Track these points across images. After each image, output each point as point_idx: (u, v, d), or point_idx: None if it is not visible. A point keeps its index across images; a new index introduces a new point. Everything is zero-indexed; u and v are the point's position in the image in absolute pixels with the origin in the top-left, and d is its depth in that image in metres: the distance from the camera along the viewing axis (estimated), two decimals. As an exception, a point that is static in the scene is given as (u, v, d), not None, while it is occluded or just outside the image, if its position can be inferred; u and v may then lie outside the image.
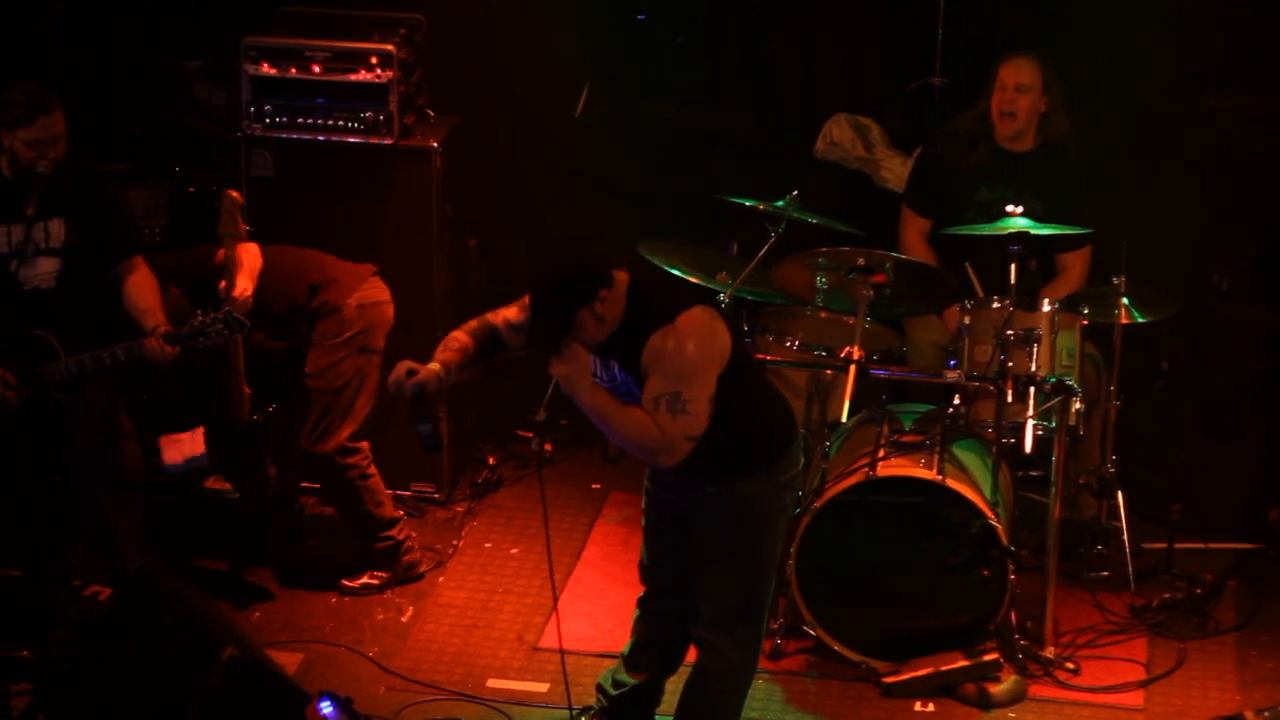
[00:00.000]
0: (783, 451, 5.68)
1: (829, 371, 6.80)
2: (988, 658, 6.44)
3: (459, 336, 5.75)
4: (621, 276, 5.47)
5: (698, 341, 5.39)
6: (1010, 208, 6.66)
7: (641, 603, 6.01)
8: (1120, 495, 7.02)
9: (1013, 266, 6.62)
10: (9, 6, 7.78)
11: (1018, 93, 6.96)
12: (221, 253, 6.58)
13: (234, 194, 6.65)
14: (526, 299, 5.63)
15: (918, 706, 6.42)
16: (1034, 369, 6.50)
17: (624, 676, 6.05)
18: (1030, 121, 7.02)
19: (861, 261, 6.65)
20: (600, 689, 6.14)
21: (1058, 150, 7.08)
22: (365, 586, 7.06)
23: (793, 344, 6.91)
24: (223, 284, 6.54)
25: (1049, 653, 6.59)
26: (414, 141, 7.36)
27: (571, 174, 8.04)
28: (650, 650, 6.01)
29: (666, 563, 5.86)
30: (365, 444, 7.01)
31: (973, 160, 7.08)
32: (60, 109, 6.16)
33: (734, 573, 5.70)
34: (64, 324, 6.26)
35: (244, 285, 6.54)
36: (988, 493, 6.55)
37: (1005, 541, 6.40)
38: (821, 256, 6.70)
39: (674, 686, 6.03)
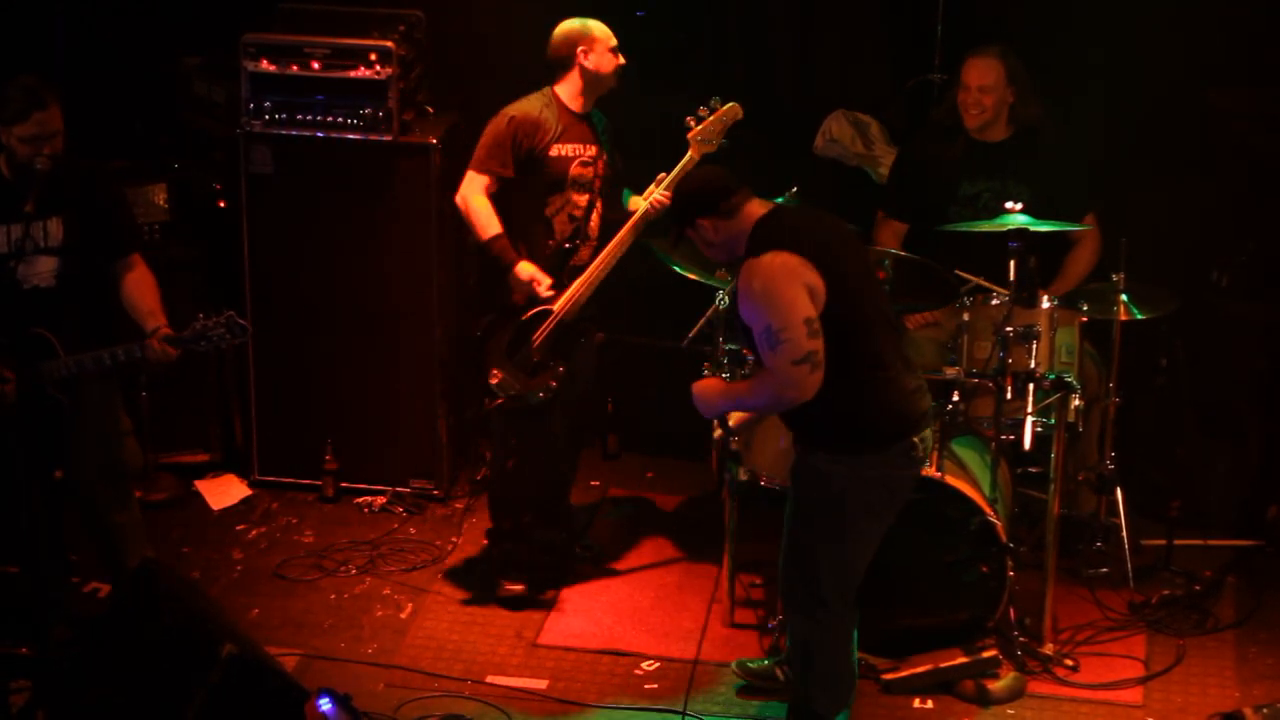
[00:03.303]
0: (878, 446, 5.68)
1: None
2: (986, 654, 6.44)
3: None
4: (754, 210, 5.65)
5: (768, 277, 5.50)
6: (1009, 204, 6.66)
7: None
8: (1119, 492, 7.03)
9: (1011, 263, 6.62)
10: (9, 6, 7.78)
11: (981, 93, 6.98)
12: (689, 157, 6.66)
13: (738, 107, 6.70)
14: None
15: (917, 703, 6.42)
16: (1033, 366, 6.50)
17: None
18: (998, 113, 7.04)
19: (860, 258, 6.65)
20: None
21: (1032, 134, 7.09)
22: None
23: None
24: (656, 183, 6.69)
25: (1048, 649, 6.59)
26: (413, 138, 7.37)
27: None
28: None
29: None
30: None
31: (950, 156, 7.09)
32: (57, 104, 6.13)
33: (802, 548, 5.81)
34: (64, 323, 6.25)
35: (669, 194, 6.63)
36: (986, 489, 6.56)
37: (1004, 538, 6.40)
38: (820, 253, 6.70)
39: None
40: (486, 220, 6.63)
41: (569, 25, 6.73)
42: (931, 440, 5.84)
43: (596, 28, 6.71)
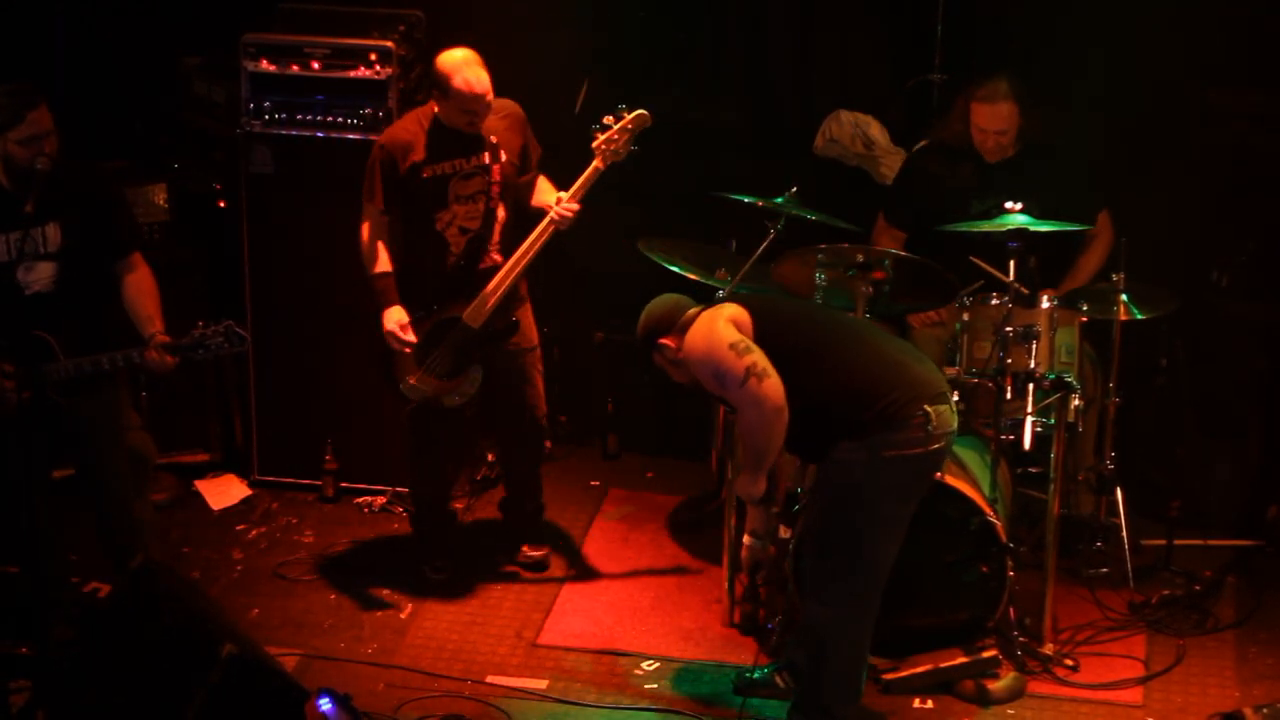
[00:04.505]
0: (885, 423, 5.74)
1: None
2: (986, 654, 6.44)
3: None
4: (690, 320, 5.92)
5: (696, 337, 5.85)
6: (1009, 204, 6.65)
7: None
8: (1119, 492, 7.03)
9: (1011, 263, 6.62)
10: (9, 6, 7.78)
11: (999, 135, 6.98)
12: (594, 167, 6.64)
13: (647, 115, 6.66)
14: None
15: (917, 703, 6.41)
16: (1033, 366, 6.50)
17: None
18: (1013, 140, 7.04)
19: (861, 258, 6.65)
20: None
21: (1037, 145, 7.07)
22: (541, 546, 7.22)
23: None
24: (559, 197, 6.68)
25: (1048, 649, 6.59)
26: (413, 138, 7.36)
27: (570, 170, 8.03)
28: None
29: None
30: None
31: (960, 176, 7.07)
32: (45, 103, 6.15)
33: (829, 540, 5.88)
34: (65, 326, 6.26)
35: (573, 206, 6.64)
36: (986, 490, 6.56)
37: (1004, 538, 6.40)
38: (821, 253, 6.70)
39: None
40: (369, 256, 6.72)
41: (445, 63, 6.56)
42: (951, 415, 5.84)
43: (461, 79, 6.51)
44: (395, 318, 6.68)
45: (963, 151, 7.08)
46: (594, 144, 6.66)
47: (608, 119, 6.66)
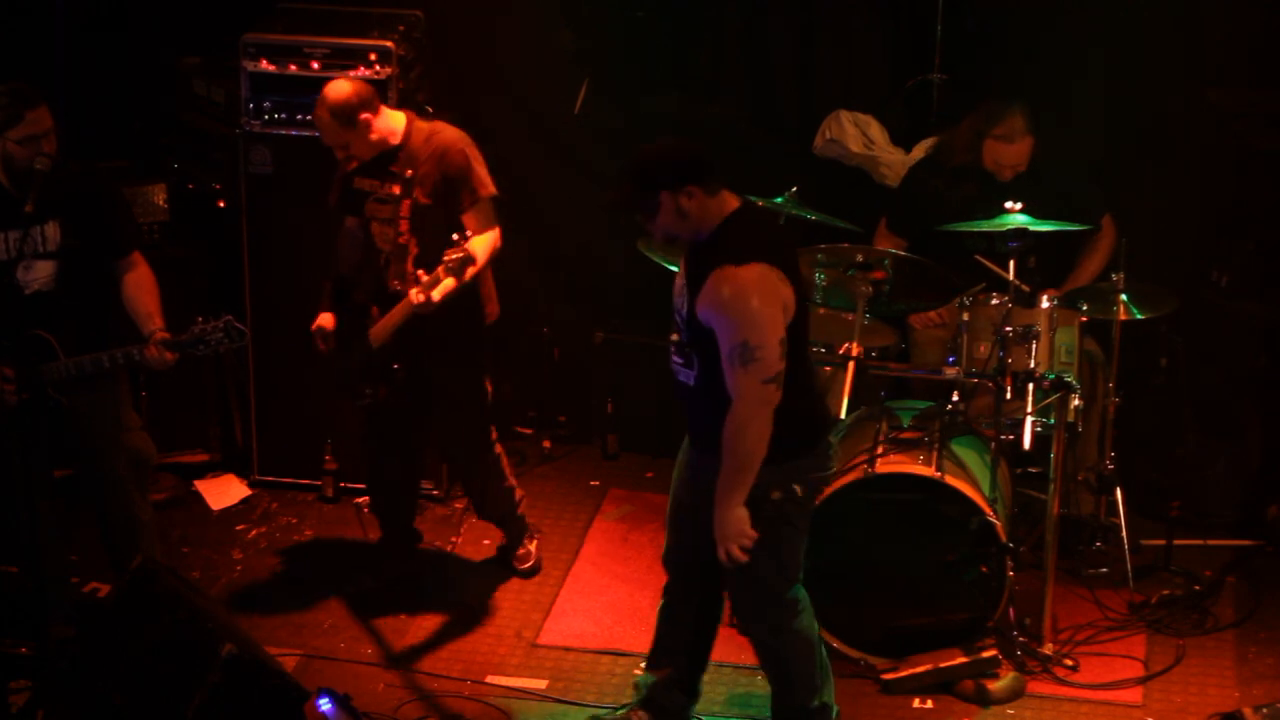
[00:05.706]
0: (810, 448, 5.68)
1: (827, 368, 6.80)
2: (986, 654, 6.44)
3: None
4: (729, 199, 5.51)
5: (753, 291, 5.38)
6: (1009, 204, 6.66)
7: (665, 591, 6.09)
8: (1119, 492, 7.03)
9: (1011, 263, 6.63)
10: (9, 6, 7.78)
11: (1017, 167, 6.99)
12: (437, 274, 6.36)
13: (467, 256, 6.32)
14: None
15: (916, 703, 6.42)
16: (1033, 365, 6.50)
17: (648, 676, 6.13)
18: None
19: (860, 258, 6.65)
20: (635, 686, 6.21)
21: (1040, 161, 7.06)
22: (528, 554, 7.15)
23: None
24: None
25: (1048, 649, 6.59)
26: (413, 138, 7.35)
27: (570, 170, 8.04)
28: (666, 643, 6.07)
29: (690, 544, 5.83)
30: None
31: (966, 192, 7.06)
32: (44, 103, 6.15)
33: (747, 562, 5.64)
34: (65, 325, 6.26)
35: (421, 298, 6.35)
36: (986, 489, 6.56)
37: (1004, 538, 6.40)
38: (820, 253, 6.71)
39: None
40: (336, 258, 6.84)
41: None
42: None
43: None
44: (318, 321, 6.70)
45: (972, 168, 7.08)
46: (445, 254, 6.37)
47: (455, 236, 6.44)
